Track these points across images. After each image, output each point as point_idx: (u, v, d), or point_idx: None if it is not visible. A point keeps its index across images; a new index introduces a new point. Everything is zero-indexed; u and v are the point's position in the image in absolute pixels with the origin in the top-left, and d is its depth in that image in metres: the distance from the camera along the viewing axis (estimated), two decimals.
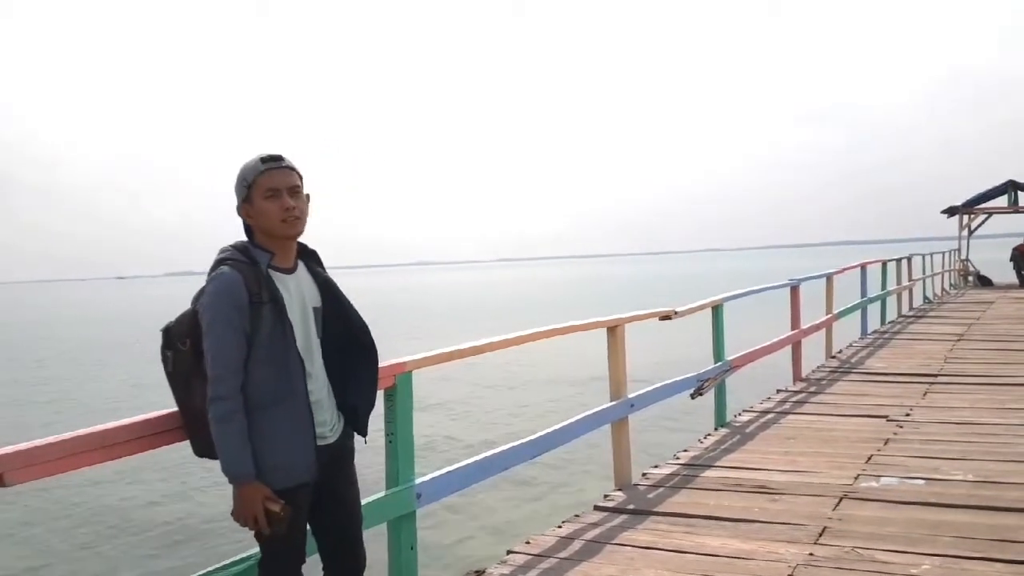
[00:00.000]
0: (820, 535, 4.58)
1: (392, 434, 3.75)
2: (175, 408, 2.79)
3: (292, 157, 2.83)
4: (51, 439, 2.40)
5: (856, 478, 5.66)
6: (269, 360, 2.67)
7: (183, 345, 2.70)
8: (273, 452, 2.67)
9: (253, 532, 2.74)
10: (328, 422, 2.86)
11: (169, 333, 2.73)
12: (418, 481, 3.87)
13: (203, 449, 2.78)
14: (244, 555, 2.96)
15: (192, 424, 2.74)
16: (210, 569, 2.85)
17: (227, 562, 2.92)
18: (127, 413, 2.90)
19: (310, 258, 2.95)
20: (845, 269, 13.09)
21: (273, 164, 2.78)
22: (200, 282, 2.74)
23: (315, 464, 2.77)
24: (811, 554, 4.30)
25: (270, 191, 2.75)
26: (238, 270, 2.67)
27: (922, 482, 5.51)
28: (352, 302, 3.00)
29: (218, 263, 2.71)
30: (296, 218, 2.78)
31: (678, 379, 6.90)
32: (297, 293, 2.82)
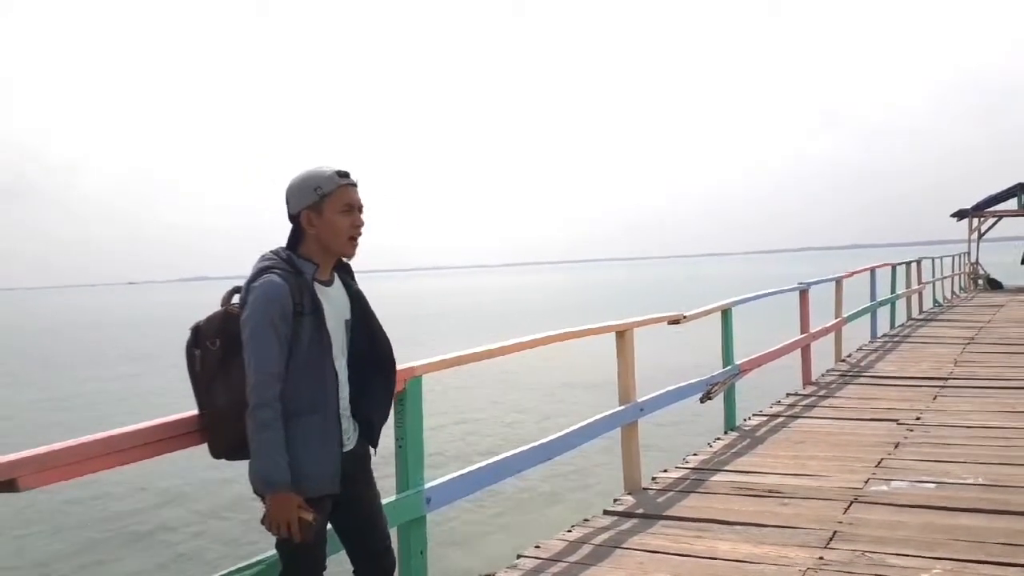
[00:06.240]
0: (830, 539, 4.57)
1: (402, 438, 3.75)
2: (185, 413, 2.80)
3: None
4: (63, 444, 2.41)
5: (866, 482, 5.65)
6: (306, 370, 2.68)
7: (212, 344, 2.70)
8: (304, 461, 2.67)
9: (275, 541, 2.76)
10: (347, 430, 2.88)
11: (199, 332, 2.73)
12: (428, 485, 3.87)
13: (222, 451, 2.78)
14: (257, 559, 2.96)
15: (212, 425, 2.74)
16: (224, 572, 2.85)
17: (241, 565, 2.92)
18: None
19: (343, 270, 2.96)
20: (854, 273, 13.05)
21: (350, 180, 2.80)
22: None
23: (339, 474, 2.78)
24: (821, 558, 4.29)
25: (347, 206, 2.77)
26: (284, 279, 2.67)
27: (933, 486, 5.49)
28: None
29: (263, 270, 2.70)
30: (358, 238, 2.83)
31: (687, 383, 6.89)
32: (334, 305, 2.83)
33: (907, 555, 4.27)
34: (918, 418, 7.59)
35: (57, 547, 8.59)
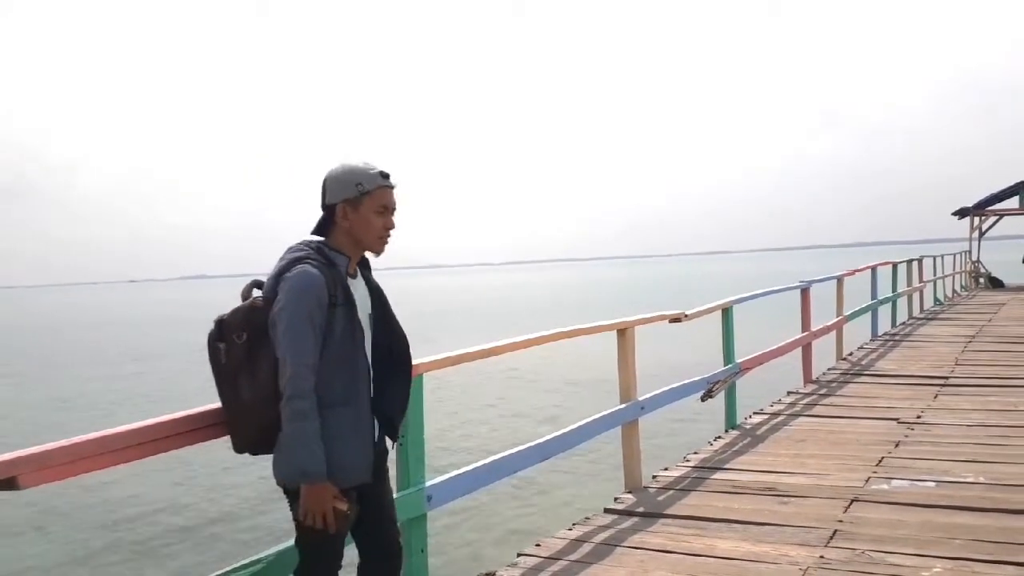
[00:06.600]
0: (831, 538, 4.57)
1: (403, 436, 3.75)
2: (184, 412, 2.79)
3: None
4: (63, 443, 2.41)
5: (867, 480, 5.65)
6: (339, 361, 2.70)
7: (239, 338, 2.68)
8: (338, 452, 2.69)
9: (295, 534, 2.78)
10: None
11: (223, 325, 2.71)
12: (428, 484, 3.88)
13: (246, 445, 2.78)
14: (256, 557, 2.96)
15: (238, 419, 2.73)
16: (223, 571, 2.85)
17: (240, 564, 2.92)
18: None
19: (362, 265, 2.98)
20: (855, 271, 13.04)
21: (390, 183, 2.84)
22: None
23: (372, 465, 2.82)
24: (822, 557, 4.29)
25: (383, 207, 2.81)
26: (318, 270, 2.69)
27: (933, 484, 5.49)
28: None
29: (297, 260, 2.71)
30: (388, 239, 2.86)
31: (688, 381, 6.89)
32: (360, 298, 2.85)
33: (908, 554, 4.27)
34: (919, 417, 7.59)
35: (68, 547, 8.61)
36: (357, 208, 2.77)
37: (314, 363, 2.63)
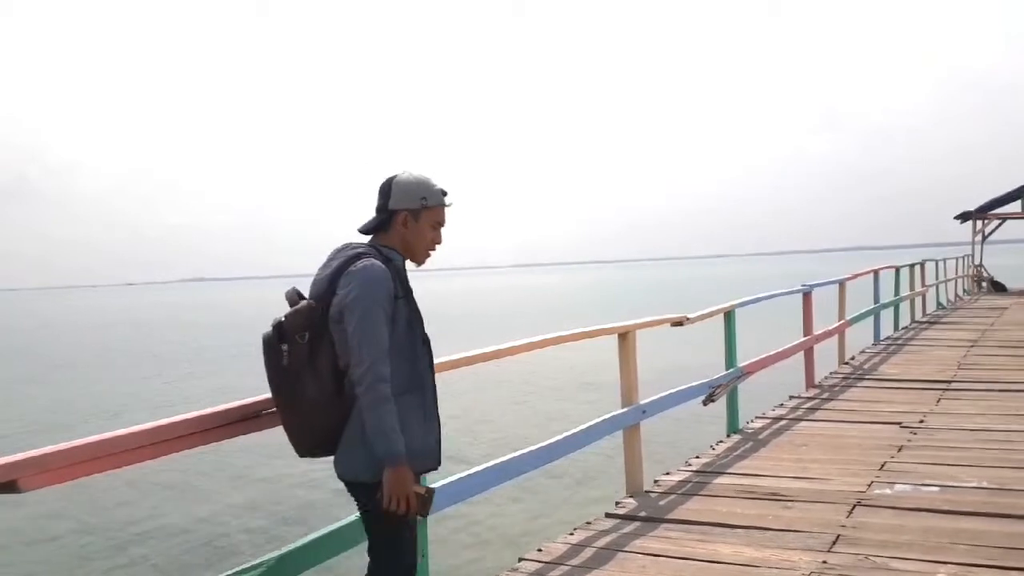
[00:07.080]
0: (834, 543, 4.56)
1: None
2: (186, 415, 2.79)
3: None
4: (64, 445, 2.40)
5: (870, 485, 5.63)
6: (402, 351, 2.78)
7: (301, 338, 2.73)
8: (407, 437, 2.73)
9: (374, 528, 2.82)
10: None
11: (283, 327, 2.74)
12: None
13: (312, 447, 2.82)
14: (260, 560, 2.96)
15: (303, 421, 2.76)
16: (228, 573, 2.84)
17: (245, 566, 2.91)
18: None
19: None
20: (858, 275, 13.02)
21: (448, 202, 2.95)
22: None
23: (439, 451, 2.92)
24: (824, 562, 4.28)
25: (438, 223, 2.94)
26: (383, 263, 2.78)
27: (936, 489, 5.48)
28: None
29: (358, 256, 2.78)
30: (433, 253, 3.00)
31: (690, 385, 6.87)
32: None
33: (911, 559, 4.26)
34: (921, 421, 7.57)
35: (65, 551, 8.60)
36: (417, 220, 2.89)
37: (387, 350, 2.70)
